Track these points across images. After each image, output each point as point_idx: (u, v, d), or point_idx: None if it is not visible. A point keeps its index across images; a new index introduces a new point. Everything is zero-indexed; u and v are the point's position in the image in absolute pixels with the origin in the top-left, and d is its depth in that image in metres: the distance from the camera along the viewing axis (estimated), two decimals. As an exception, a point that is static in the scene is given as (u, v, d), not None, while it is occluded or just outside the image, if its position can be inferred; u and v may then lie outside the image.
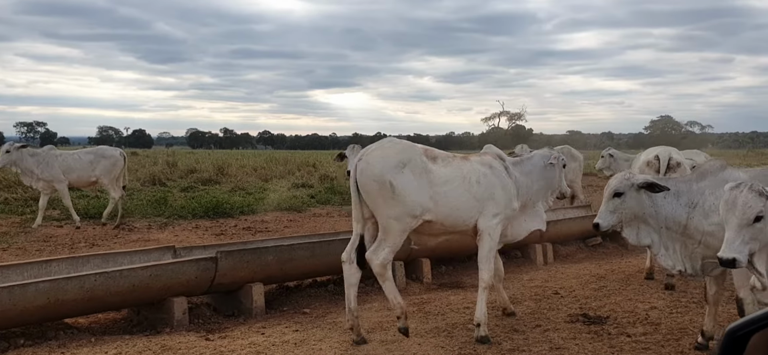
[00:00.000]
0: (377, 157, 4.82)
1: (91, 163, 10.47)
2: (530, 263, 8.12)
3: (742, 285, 4.33)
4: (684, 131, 67.70)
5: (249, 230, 10.76)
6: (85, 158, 10.55)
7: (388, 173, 4.74)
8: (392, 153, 4.87)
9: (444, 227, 5.08)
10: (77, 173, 10.51)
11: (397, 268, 6.72)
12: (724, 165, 4.48)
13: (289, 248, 5.78)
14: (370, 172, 4.77)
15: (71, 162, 10.43)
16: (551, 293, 6.38)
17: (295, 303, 5.98)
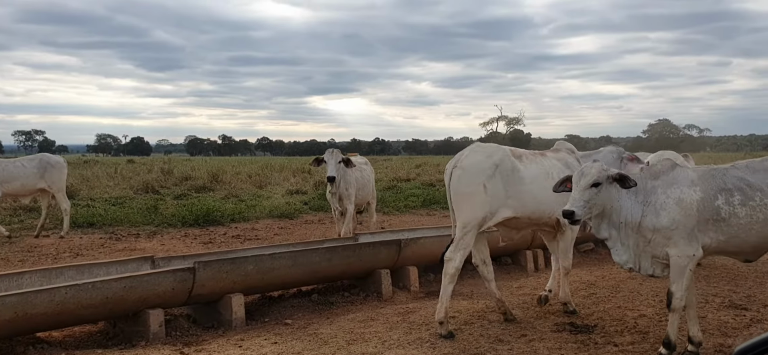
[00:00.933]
0: (471, 164, 5.14)
1: (37, 171, 10.10)
2: (521, 269, 8.02)
3: (674, 279, 4.44)
4: (682, 135, 67.79)
5: (238, 238, 10.64)
6: (29, 166, 10.06)
7: (482, 177, 5.09)
8: (483, 158, 5.17)
9: (530, 221, 5.45)
10: (21, 182, 9.93)
11: (383, 276, 6.61)
12: (674, 164, 4.64)
13: (269, 257, 5.66)
14: (467, 178, 5.11)
15: (13, 170, 9.90)
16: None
17: (278, 314, 5.86)
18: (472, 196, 5.02)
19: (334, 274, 6.38)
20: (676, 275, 4.43)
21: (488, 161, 5.16)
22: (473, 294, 6.77)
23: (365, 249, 6.52)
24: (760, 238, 4.66)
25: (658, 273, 4.61)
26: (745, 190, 4.62)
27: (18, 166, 9.99)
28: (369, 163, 9.42)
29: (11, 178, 9.72)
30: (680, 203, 4.47)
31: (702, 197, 4.50)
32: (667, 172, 4.58)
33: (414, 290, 6.88)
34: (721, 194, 4.57)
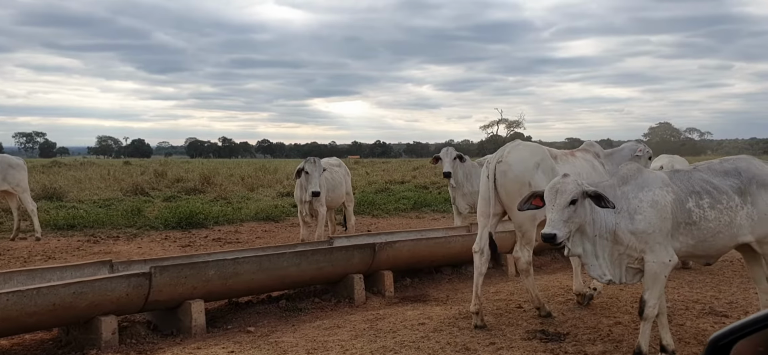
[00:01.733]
0: (516, 160, 5.33)
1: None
2: (501, 273, 7.82)
3: (648, 286, 4.29)
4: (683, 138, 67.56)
5: (219, 241, 10.46)
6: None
7: (527, 174, 5.30)
8: (528, 155, 5.38)
9: None
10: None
11: (356, 281, 6.42)
12: (640, 168, 4.54)
13: (232, 262, 5.47)
14: (512, 174, 5.28)
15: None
16: (515, 306, 6.07)
17: (242, 321, 5.67)
18: (521, 192, 5.12)
19: (305, 279, 6.20)
20: (650, 282, 4.26)
21: (532, 160, 5.36)
22: (449, 299, 6.58)
23: (337, 253, 6.34)
24: (725, 242, 4.52)
25: (637, 281, 4.44)
26: (713, 193, 4.48)
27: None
28: (343, 165, 9.22)
29: None
30: (655, 205, 4.31)
31: (674, 199, 4.36)
32: (635, 176, 4.42)
33: (389, 296, 6.69)
34: (691, 197, 4.42)
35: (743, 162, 4.69)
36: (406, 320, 5.64)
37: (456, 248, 7.42)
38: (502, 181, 5.30)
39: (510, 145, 5.52)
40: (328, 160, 8.95)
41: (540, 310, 5.62)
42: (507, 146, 5.52)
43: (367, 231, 11.56)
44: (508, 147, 5.49)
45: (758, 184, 4.55)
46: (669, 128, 69.93)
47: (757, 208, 4.52)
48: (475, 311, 5.35)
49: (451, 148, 8.35)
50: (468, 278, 7.56)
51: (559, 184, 4.16)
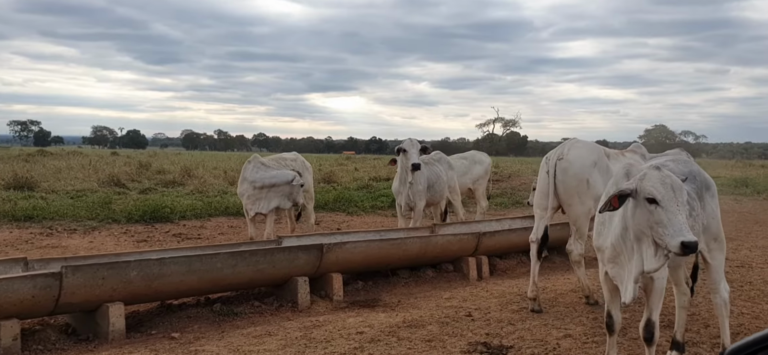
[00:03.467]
0: (576, 157, 5.58)
1: None
2: (462, 278, 7.48)
3: (654, 305, 3.91)
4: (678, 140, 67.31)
5: (179, 236, 10.10)
6: None
7: (586, 172, 5.58)
8: (586, 153, 5.63)
9: None
10: None
11: (300, 284, 6.07)
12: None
13: (158, 262, 5.11)
14: (572, 171, 5.55)
15: None
16: (464, 314, 5.72)
17: (169, 325, 5.32)
18: (579, 189, 5.49)
19: (242, 281, 5.84)
20: (657, 299, 3.86)
21: (589, 158, 5.64)
22: (399, 305, 6.23)
23: (279, 254, 5.98)
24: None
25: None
26: (689, 199, 4.13)
27: None
28: (300, 159, 8.83)
29: None
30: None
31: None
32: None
33: (337, 300, 6.33)
34: (687, 204, 4.07)
35: (693, 165, 4.37)
36: (345, 327, 5.29)
37: (414, 249, 7.07)
38: (562, 177, 5.56)
39: (569, 144, 5.76)
40: (283, 156, 8.59)
41: (588, 298, 5.89)
42: (566, 144, 5.78)
43: (337, 229, 11.22)
44: (567, 145, 5.73)
45: (705, 187, 4.26)
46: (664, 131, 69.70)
47: (706, 212, 4.21)
48: (533, 297, 5.73)
49: (415, 140, 7.97)
50: (425, 282, 7.23)
51: (671, 180, 3.48)
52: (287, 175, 7.60)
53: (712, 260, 4.35)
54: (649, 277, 3.79)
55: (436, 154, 8.99)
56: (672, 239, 3.30)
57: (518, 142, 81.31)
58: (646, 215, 3.44)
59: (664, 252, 3.38)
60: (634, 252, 3.60)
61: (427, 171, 8.36)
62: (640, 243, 3.55)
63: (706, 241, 4.29)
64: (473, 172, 10.21)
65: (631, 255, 3.64)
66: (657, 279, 3.83)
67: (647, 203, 3.43)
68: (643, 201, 3.45)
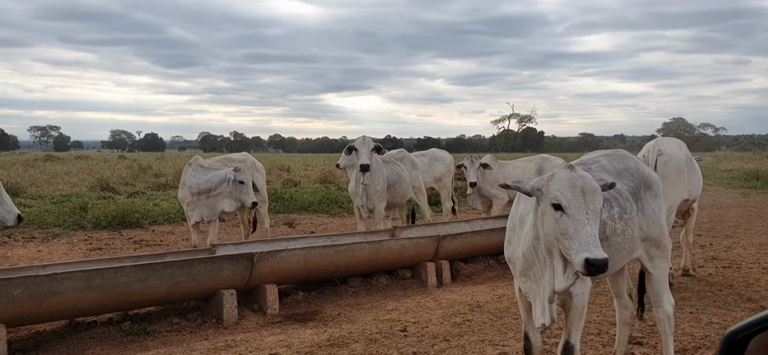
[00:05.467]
0: (674, 152, 6.09)
1: None
2: (420, 285, 6.90)
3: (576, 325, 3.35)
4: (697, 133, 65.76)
5: (140, 242, 9.67)
6: None
7: (682, 164, 6.12)
8: (677, 148, 6.19)
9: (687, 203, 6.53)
10: None
11: (226, 298, 5.55)
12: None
13: (48, 279, 4.63)
14: (673, 164, 6.01)
15: None
16: (399, 329, 5.15)
17: (66, 348, 4.83)
18: (677, 180, 5.95)
19: (156, 297, 5.34)
20: (578, 316, 3.29)
21: (682, 152, 6.22)
22: (338, 317, 5.68)
23: (199, 266, 5.47)
24: (623, 260, 3.61)
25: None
26: (619, 199, 3.54)
27: None
28: (250, 159, 8.30)
29: None
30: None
31: None
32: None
33: (271, 314, 5.81)
34: (603, 205, 3.46)
35: (631, 160, 3.76)
36: (260, 348, 4.76)
37: (362, 256, 6.52)
38: (663, 171, 5.84)
39: (662, 140, 6.26)
40: (231, 157, 8.10)
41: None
42: (660, 140, 6.27)
43: (311, 232, 10.71)
44: (662, 141, 6.22)
45: (645, 186, 3.65)
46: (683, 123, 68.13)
47: (645, 215, 3.61)
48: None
49: (368, 138, 7.41)
50: (377, 291, 6.68)
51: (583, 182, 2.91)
52: (220, 174, 7.05)
53: (653, 269, 3.75)
54: (567, 292, 3.20)
55: (399, 152, 8.42)
56: (576, 254, 2.72)
57: (534, 138, 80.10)
58: (552, 223, 2.86)
59: (573, 269, 2.79)
60: (547, 266, 3.02)
61: (386, 171, 7.80)
62: (551, 256, 2.97)
63: (645, 248, 3.70)
64: (434, 170, 9.61)
65: (545, 269, 3.05)
66: (576, 295, 3.24)
67: (553, 209, 2.85)
68: (549, 207, 2.87)
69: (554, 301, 3.03)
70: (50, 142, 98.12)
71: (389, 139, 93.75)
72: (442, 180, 9.93)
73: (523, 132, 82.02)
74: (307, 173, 22.38)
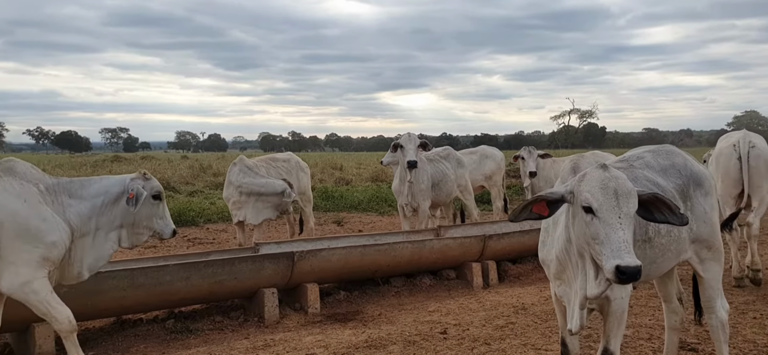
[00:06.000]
0: (764, 145, 6.20)
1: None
2: (465, 286, 6.75)
3: (615, 331, 3.16)
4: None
5: (193, 241, 9.88)
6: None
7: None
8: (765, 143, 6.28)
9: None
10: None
11: (267, 297, 5.57)
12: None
13: (92, 277, 4.67)
14: (764, 157, 6.11)
15: None
16: (439, 331, 5.04)
17: (111, 346, 4.91)
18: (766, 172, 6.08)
19: (199, 295, 5.41)
20: (616, 322, 3.11)
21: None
22: (378, 318, 5.61)
23: (241, 265, 5.50)
24: (670, 262, 3.39)
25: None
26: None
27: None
28: (295, 159, 8.29)
29: None
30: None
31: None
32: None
33: (312, 313, 5.79)
34: None
35: (678, 156, 3.51)
36: (300, 348, 4.74)
37: (404, 255, 6.42)
38: (755, 164, 6.03)
39: (748, 133, 6.27)
40: (275, 156, 8.14)
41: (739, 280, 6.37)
42: (745, 134, 6.24)
43: (359, 231, 10.70)
44: (748, 135, 6.22)
45: (695, 183, 3.41)
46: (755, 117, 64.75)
47: (695, 215, 3.37)
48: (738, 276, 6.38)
49: (414, 134, 7.30)
50: (420, 291, 6.57)
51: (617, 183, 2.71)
52: (278, 185, 7.07)
53: (704, 272, 3.50)
54: (604, 296, 3.01)
55: (444, 150, 8.27)
56: (607, 260, 2.54)
57: (596, 134, 77.93)
58: (583, 226, 2.69)
59: (605, 276, 2.62)
60: (579, 270, 2.85)
61: (431, 169, 7.67)
62: (583, 260, 2.80)
63: (695, 250, 3.46)
64: (484, 168, 9.39)
65: (577, 273, 2.89)
66: (615, 299, 3.05)
67: (584, 212, 2.68)
68: (580, 209, 2.71)
69: (586, 307, 2.86)
70: (120, 143, 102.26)
71: (445, 136, 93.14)
72: (492, 178, 9.72)
73: (583, 128, 79.98)
74: (359, 172, 22.46)
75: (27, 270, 3.70)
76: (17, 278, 3.70)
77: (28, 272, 3.70)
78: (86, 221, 3.97)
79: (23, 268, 3.70)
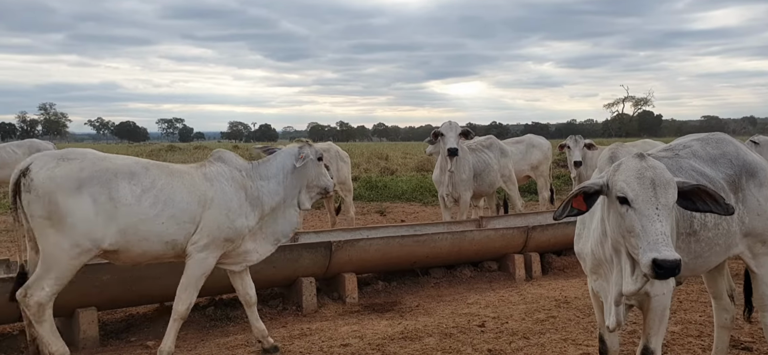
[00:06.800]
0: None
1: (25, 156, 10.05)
2: (507, 278, 6.62)
3: (657, 329, 3.00)
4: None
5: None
6: (19, 152, 10.00)
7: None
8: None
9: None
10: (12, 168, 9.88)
11: (306, 286, 5.59)
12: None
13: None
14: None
15: (5, 156, 9.78)
16: (477, 324, 4.94)
17: (152, 332, 5.00)
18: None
19: (236, 283, 5.44)
20: (657, 319, 2.94)
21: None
22: (416, 309, 5.54)
23: (278, 253, 5.44)
24: (718, 257, 3.21)
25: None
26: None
27: (9, 152, 9.90)
28: (335, 149, 8.25)
29: (4, 164, 9.61)
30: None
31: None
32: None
33: (350, 303, 5.78)
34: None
35: (730, 145, 3.31)
36: (333, 338, 4.73)
37: (444, 247, 6.33)
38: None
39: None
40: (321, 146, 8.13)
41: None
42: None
43: (401, 221, 10.64)
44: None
45: (748, 174, 3.21)
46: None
47: (748, 207, 3.18)
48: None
49: (454, 122, 7.16)
50: (461, 283, 6.47)
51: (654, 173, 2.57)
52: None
53: (757, 268, 3.31)
54: (643, 292, 2.87)
55: (487, 139, 8.10)
56: (643, 253, 2.41)
57: (651, 122, 75.58)
58: (618, 218, 2.56)
59: (642, 270, 2.48)
60: (615, 265, 2.72)
61: (472, 158, 7.53)
62: (618, 255, 2.67)
63: (748, 244, 3.27)
64: (530, 157, 9.16)
65: (612, 267, 2.76)
66: (656, 296, 2.90)
67: (619, 203, 2.55)
68: (615, 200, 2.57)
69: (622, 304, 2.72)
70: (176, 133, 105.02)
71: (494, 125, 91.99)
72: (538, 168, 9.50)
73: (638, 116, 77.65)
74: (405, 161, 22.39)
75: (213, 248, 4.11)
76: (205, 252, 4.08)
77: (214, 250, 4.11)
78: (276, 198, 4.40)
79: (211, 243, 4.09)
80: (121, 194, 3.75)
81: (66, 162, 3.70)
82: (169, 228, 3.88)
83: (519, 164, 8.78)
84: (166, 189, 3.91)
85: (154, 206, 3.83)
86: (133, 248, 3.86)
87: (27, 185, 3.63)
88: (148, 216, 3.80)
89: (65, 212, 3.61)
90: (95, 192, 3.68)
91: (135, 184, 3.81)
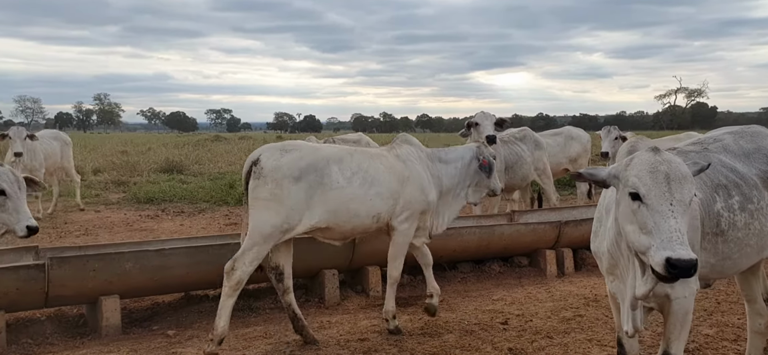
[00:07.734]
0: None
1: (59, 149, 10.25)
2: (537, 273, 6.43)
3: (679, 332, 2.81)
4: None
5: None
6: (56, 144, 10.15)
7: None
8: None
9: None
10: (53, 159, 10.08)
11: (328, 278, 5.55)
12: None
13: (157, 254, 4.80)
14: None
15: (48, 148, 9.93)
16: (500, 322, 4.80)
17: (174, 320, 5.04)
18: None
19: (258, 274, 5.42)
20: (679, 324, 2.76)
21: None
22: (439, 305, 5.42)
23: (301, 244, 5.46)
24: (750, 259, 3.00)
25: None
26: (741, 186, 2.96)
27: (48, 143, 10.05)
28: (365, 139, 8.15)
29: (47, 156, 9.82)
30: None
31: (702, 198, 2.89)
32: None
33: (373, 296, 5.71)
34: (718, 193, 2.93)
35: (766, 139, 3.08)
36: (352, 332, 4.68)
37: (471, 241, 6.19)
38: None
39: None
40: (345, 138, 8.08)
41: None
42: None
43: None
44: None
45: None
46: None
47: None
48: None
49: (488, 112, 6.97)
50: (489, 278, 6.33)
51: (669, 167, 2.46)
52: None
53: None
54: (664, 295, 2.70)
55: (520, 131, 7.88)
56: (655, 252, 2.24)
57: (705, 115, 72.92)
58: (630, 215, 2.40)
59: (653, 270, 2.32)
60: (630, 265, 2.56)
61: (504, 151, 7.33)
62: (632, 254, 2.51)
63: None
64: (569, 150, 8.87)
65: (628, 268, 2.60)
66: (676, 299, 2.72)
67: (630, 199, 2.39)
68: (627, 196, 2.41)
69: (638, 307, 2.56)
70: (224, 124, 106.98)
71: (541, 116, 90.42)
72: (577, 161, 9.21)
73: (691, 108, 75.07)
74: (446, 153, 22.14)
75: (413, 219, 4.55)
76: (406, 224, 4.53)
77: (413, 221, 4.56)
78: (452, 181, 4.79)
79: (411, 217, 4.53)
80: (333, 178, 4.21)
81: (288, 153, 4.18)
82: (375, 204, 4.33)
83: (557, 157, 8.53)
84: (371, 170, 4.36)
85: (362, 186, 4.29)
86: (344, 224, 4.30)
87: (257, 173, 4.11)
88: (357, 195, 4.26)
89: (285, 195, 4.06)
90: (312, 178, 4.14)
91: (345, 168, 4.27)
